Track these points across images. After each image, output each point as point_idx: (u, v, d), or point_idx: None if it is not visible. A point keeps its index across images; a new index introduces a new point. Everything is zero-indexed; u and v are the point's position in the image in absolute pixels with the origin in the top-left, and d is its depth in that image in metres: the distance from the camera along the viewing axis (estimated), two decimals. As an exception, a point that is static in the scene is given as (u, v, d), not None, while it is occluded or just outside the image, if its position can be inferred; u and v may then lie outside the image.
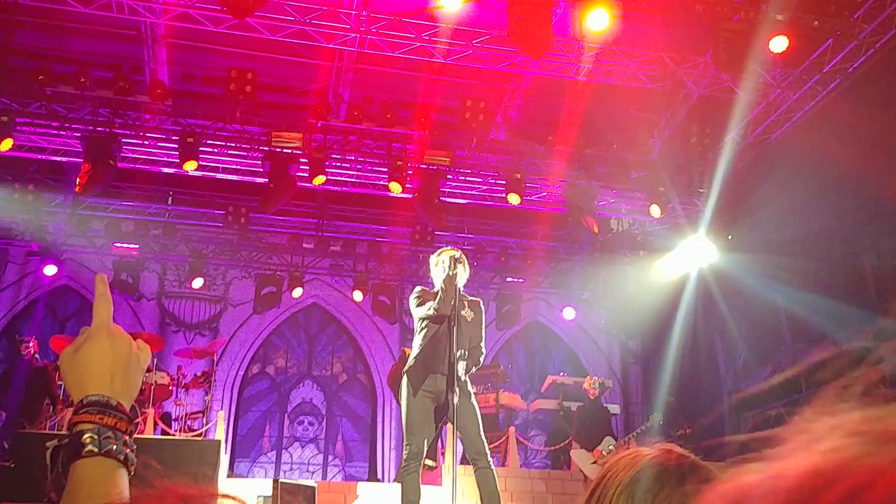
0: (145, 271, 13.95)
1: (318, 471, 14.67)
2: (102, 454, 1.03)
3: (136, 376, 1.15)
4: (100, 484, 1.01)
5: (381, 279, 14.23)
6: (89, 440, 1.02)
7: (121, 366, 1.12)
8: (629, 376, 15.37)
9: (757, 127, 10.35)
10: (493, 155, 11.41)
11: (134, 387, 1.14)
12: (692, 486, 1.10)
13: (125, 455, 1.05)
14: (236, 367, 14.43)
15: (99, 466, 1.02)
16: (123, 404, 1.09)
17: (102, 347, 1.12)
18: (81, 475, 1.01)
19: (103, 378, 1.09)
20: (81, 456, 1.02)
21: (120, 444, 1.04)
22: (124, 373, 1.12)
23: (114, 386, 1.10)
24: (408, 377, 5.58)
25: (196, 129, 10.67)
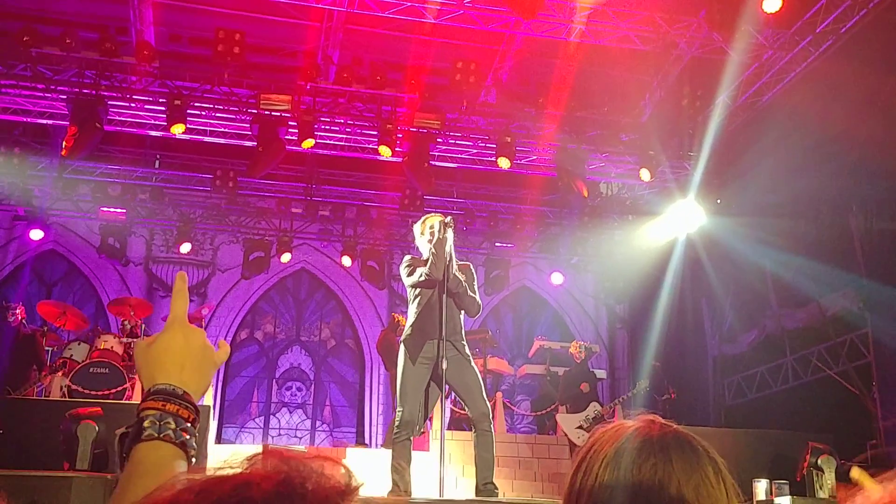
0: (132, 236, 13.86)
1: (305, 436, 14.73)
2: (160, 438, 1.05)
3: (208, 370, 1.17)
4: (156, 466, 1.03)
5: (371, 244, 14.22)
6: (149, 424, 1.05)
7: (192, 357, 1.14)
8: (616, 341, 15.48)
9: (748, 88, 10.36)
10: (484, 118, 11.37)
11: (205, 380, 1.16)
12: (676, 455, 1.11)
13: (183, 440, 1.07)
14: (224, 333, 14.41)
15: (156, 450, 1.05)
16: (191, 394, 1.11)
17: (175, 338, 1.14)
18: (139, 457, 1.04)
19: (173, 368, 1.12)
20: (141, 440, 1.05)
21: (179, 429, 1.07)
22: (195, 364, 1.14)
23: (183, 376, 1.12)
24: (405, 346, 5.58)
25: (183, 92, 10.55)
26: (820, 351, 10.03)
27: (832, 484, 4.84)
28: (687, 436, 1.15)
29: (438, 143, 11.50)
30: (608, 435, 1.16)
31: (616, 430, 1.16)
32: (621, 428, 1.16)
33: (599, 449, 1.14)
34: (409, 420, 5.47)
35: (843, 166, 8.79)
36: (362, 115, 11.13)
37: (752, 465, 5.70)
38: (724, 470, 1.13)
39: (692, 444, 1.14)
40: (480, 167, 12.23)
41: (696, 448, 1.13)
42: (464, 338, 5.68)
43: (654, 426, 1.16)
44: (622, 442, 1.13)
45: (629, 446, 1.11)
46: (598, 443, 1.16)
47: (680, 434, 1.15)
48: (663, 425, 1.16)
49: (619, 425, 1.18)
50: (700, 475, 1.09)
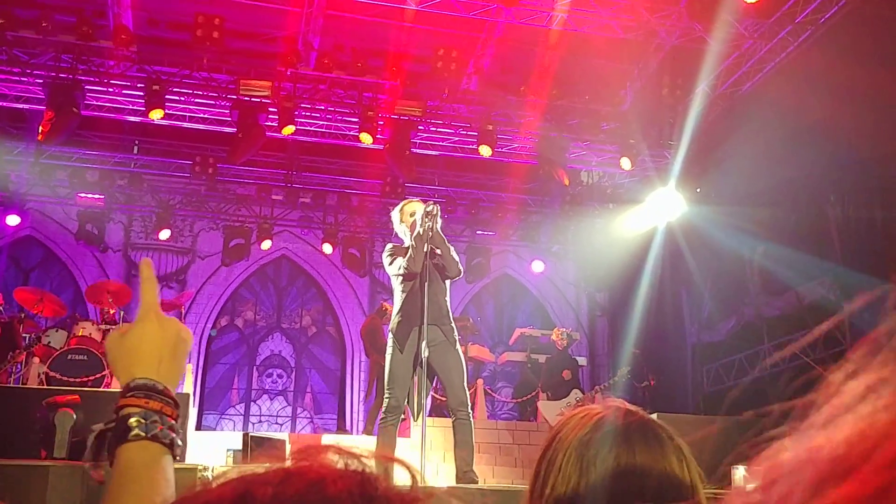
0: (111, 222, 13.74)
1: (286, 423, 14.73)
2: (149, 438, 1.02)
3: (182, 361, 1.14)
4: (146, 468, 1.01)
5: (352, 231, 14.18)
6: (136, 424, 1.02)
7: (168, 349, 1.11)
8: (596, 329, 15.57)
9: (728, 78, 10.40)
10: (465, 106, 11.35)
11: (179, 371, 1.13)
12: (639, 445, 1.10)
13: (171, 440, 1.04)
14: (204, 320, 14.36)
15: (145, 450, 1.02)
16: (169, 389, 1.09)
17: (151, 331, 1.11)
18: (127, 459, 1.01)
19: (151, 361, 1.09)
20: (128, 440, 1.02)
21: (166, 428, 1.04)
22: (171, 357, 1.11)
23: (161, 370, 1.09)
24: (393, 334, 5.57)
25: (162, 77, 10.45)
26: (797, 339, 10.13)
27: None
28: (651, 423, 1.14)
29: (420, 131, 11.47)
30: (574, 422, 1.15)
31: (581, 418, 1.15)
32: (587, 415, 1.15)
33: (564, 437, 1.13)
34: (395, 406, 5.48)
35: (821, 156, 8.85)
36: (343, 101, 11.07)
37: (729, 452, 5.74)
38: (689, 457, 1.12)
39: (656, 433, 1.12)
40: (462, 155, 12.23)
41: (659, 436, 1.12)
42: (452, 321, 5.68)
43: (619, 413, 1.14)
44: (586, 431, 1.12)
45: (593, 436, 1.11)
46: (564, 432, 1.15)
47: (644, 422, 1.14)
48: (628, 412, 1.15)
49: (585, 412, 1.16)
50: (663, 464, 1.09)
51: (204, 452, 7.54)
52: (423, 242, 5.41)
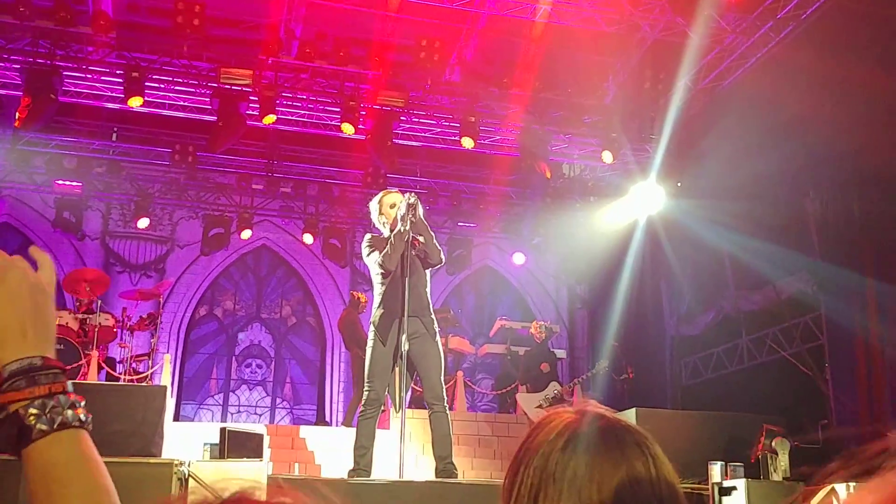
0: (88, 210, 13.60)
1: (265, 413, 14.68)
2: (56, 429, 0.87)
3: (48, 311, 0.95)
4: (70, 463, 0.87)
5: (332, 222, 14.13)
6: (34, 419, 0.86)
7: (27, 309, 0.92)
8: (576, 321, 15.62)
9: (710, 72, 10.43)
10: (448, 97, 11.32)
11: (50, 322, 0.95)
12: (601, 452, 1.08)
13: (79, 419, 0.89)
14: (183, 309, 14.26)
15: (59, 443, 0.87)
16: (48, 355, 0.91)
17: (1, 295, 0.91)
18: (44, 461, 0.86)
19: (14, 336, 0.90)
20: (33, 439, 0.86)
21: (66, 408, 0.88)
22: (34, 315, 0.92)
23: (28, 339, 0.91)
24: (375, 328, 5.55)
25: (141, 64, 10.33)
26: (775, 332, 10.21)
27: (785, 466, 4.94)
28: (616, 428, 1.11)
29: (402, 122, 11.43)
30: (540, 430, 1.13)
31: (549, 425, 1.13)
32: (556, 421, 1.13)
33: (529, 447, 1.12)
34: (375, 399, 5.48)
35: (800, 150, 8.90)
36: (325, 91, 11.00)
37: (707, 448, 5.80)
38: (659, 460, 1.10)
39: (619, 438, 1.09)
40: (444, 146, 12.20)
41: (623, 441, 1.09)
42: (432, 313, 5.68)
43: (584, 419, 1.12)
44: (550, 439, 1.10)
45: (554, 447, 1.09)
46: (530, 439, 1.13)
47: (608, 427, 1.11)
48: (595, 418, 1.12)
49: (555, 417, 1.14)
50: (624, 470, 1.06)
51: (181, 446, 7.49)
52: (402, 240, 5.40)
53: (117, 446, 4.73)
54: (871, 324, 8.51)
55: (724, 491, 4.75)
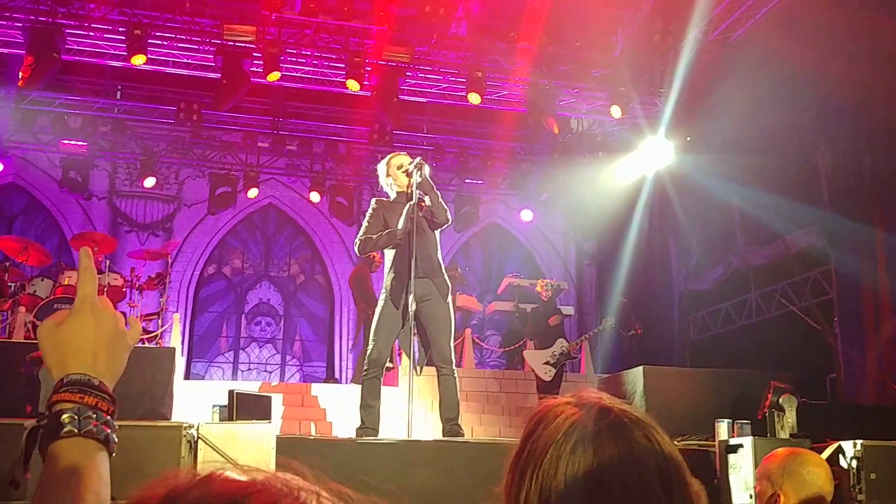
0: (95, 169, 13.57)
1: (276, 370, 14.80)
2: (82, 434, 0.99)
3: (122, 354, 1.10)
4: (79, 465, 0.98)
5: (339, 180, 14.07)
6: (68, 420, 0.99)
7: (104, 343, 1.07)
8: (584, 278, 15.61)
9: (720, 24, 10.25)
10: (454, 52, 11.16)
11: (119, 366, 1.09)
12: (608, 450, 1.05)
13: (105, 436, 1.01)
14: (191, 268, 14.30)
15: (78, 447, 0.99)
16: (106, 384, 1.05)
17: (85, 324, 1.07)
18: (59, 456, 0.98)
19: (85, 356, 1.05)
20: (60, 436, 0.98)
21: (101, 424, 1.01)
22: (108, 351, 1.07)
23: (96, 365, 1.05)
24: (387, 291, 5.54)
25: (144, 21, 10.20)
26: (784, 287, 10.19)
27: (793, 423, 4.95)
28: (623, 426, 1.08)
29: (408, 78, 11.28)
30: (545, 426, 1.09)
31: (554, 421, 1.09)
32: (561, 416, 1.09)
33: (534, 447, 1.08)
34: (376, 358, 5.49)
35: (811, 102, 8.78)
36: (329, 47, 10.86)
37: (714, 405, 5.81)
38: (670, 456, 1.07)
39: (628, 436, 1.06)
40: (451, 102, 12.06)
41: (631, 439, 1.06)
42: (444, 274, 5.66)
43: (592, 415, 1.08)
44: (557, 438, 1.07)
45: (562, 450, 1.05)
46: (534, 435, 1.10)
47: (616, 424, 1.07)
48: (601, 412, 1.09)
49: (560, 411, 1.10)
50: (636, 471, 1.04)
51: (191, 407, 7.55)
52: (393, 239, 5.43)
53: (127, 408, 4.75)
54: (880, 277, 8.48)
55: (731, 449, 4.76)
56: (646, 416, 1.11)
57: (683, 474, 1.08)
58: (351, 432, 5.59)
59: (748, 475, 4.47)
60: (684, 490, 1.06)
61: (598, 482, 1.03)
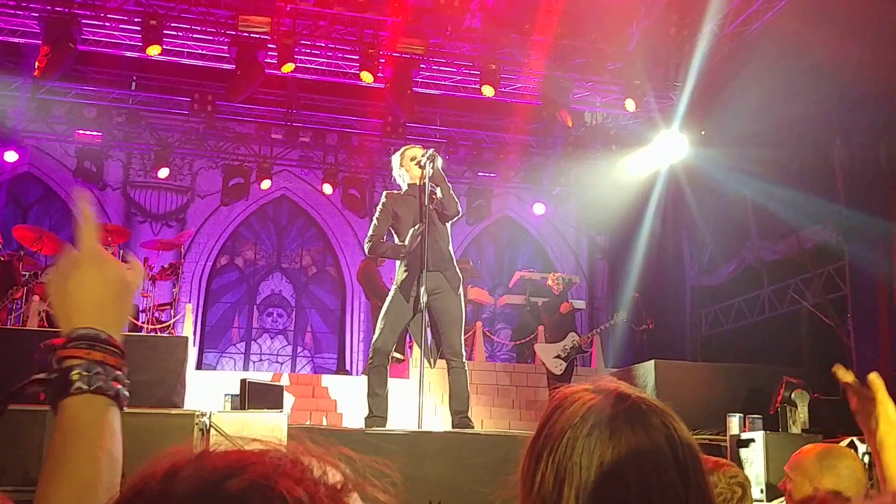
0: (109, 160, 13.63)
1: (287, 362, 14.85)
2: (92, 391, 0.99)
3: (128, 304, 1.10)
4: (91, 423, 0.98)
5: (352, 172, 14.08)
6: (77, 377, 0.98)
7: (112, 295, 1.07)
8: (596, 272, 15.57)
9: (737, 17, 10.16)
10: (468, 44, 11.13)
11: (125, 316, 1.10)
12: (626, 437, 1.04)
13: (116, 391, 1.01)
14: (204, 259, 14.36)
15: (89, 404, 0.98)
16: (114, 336, 1.04)
17: (92, 276, 1.06)
18: (71, 414, 0.98)
19: (93, 309, 1.04)
20: (70, 394, 0.98)
21: (110, 380, 1.00)
22: (115, 302, 1.07)
23: (104, 317, 1.04)
24: (398, 284, 5.55)
25: (159, 11, 10.23)
26: (797, 283, 10.13)
27: (805, 418, 4.93)
28: (641, 411, 1.07)
29: (422, 70, 11.27)
30: (561, 412, 1.09)
31: (570, 406, 1.09)
32: (577, 402, 1.09)
33: (551, 432, 1.08)
34: (380, 348, 5.52)
35: (828, 94, 8.70)
36: (344, 38, 10.86)
37: (726, 399, 5.80)
38: (686, 441, 1.06)
39: (645, 421, 1.06)
40: (464, 94, 12.03)
41: (649, 425, 1.05)
42: (455, 267, 5.67)
43: (609, 400, 1.08)
44: (574, 423, 1.07)
45: (578, 433, 1.05)
46: (551, 422, 1.09)
47: (633, 409, 1.07)
48: (618, 398, 1.08)
49: (577, 398, 1.10)
50: (652, 456, 1.03)
51: (203, 396, 7.59)
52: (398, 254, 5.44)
53: (140, 396, 4.79)
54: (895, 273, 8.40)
55: (742, 443, 4.75)
56: (663, 404, 1.10)
57: (700, 462, 1.07)
58: (361, 423, 5.61)
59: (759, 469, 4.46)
60: (700, 477, 1.05)
61: (614, 466, 1.02)
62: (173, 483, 0.63)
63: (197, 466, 0.64)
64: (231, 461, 0.65)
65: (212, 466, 0.63)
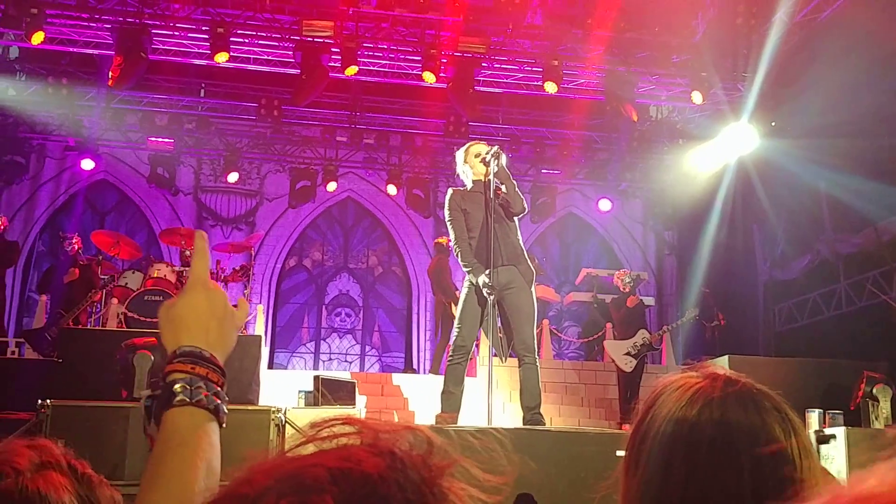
0: (181, 166, 14.01)
1: (355, 361, 15.02)
2: (193, 403, 1.04)
3: (231, 332, 1.16)
4: (190, 433, 1.02)
5: (415, 172, 14.17)
6: (180, 389, 1.04)
7: (216, 319, 1.12)
8: (664, 268, 15.35)
9: (807, 4, 9.90)
10: (530, 41, 11.08)
11: (229, 342, 1.15)
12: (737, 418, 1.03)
13: (216, 406, 1.05)
14: (273, 261, 14.62)
15: (189, 416, 1.03)
16: (217, 357, 1.10)
17: (197, 300, 1.12)
18: (172, 424, 1.03)
19: (198, 330, 1.10)
20: (172, 405, 1.03)
21: (211, 394, 1.05)
22: (219, 326, 1.12)
23: (208, 338, 1.10)
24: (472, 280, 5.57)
25: (226, 19, 10.46)
26: (875, 276, 9.82)
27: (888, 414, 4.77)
28: (752, 394, 1.06)
29: (483, 68, 11.26)
30: (667, 395, 1.09)
31: (676, 390, 1.08)
32: (682, 386, 1.08)
33: (657, 414, 1.07)
34: (461, 345, 5.51)
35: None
36: (405, 40, 10.93)
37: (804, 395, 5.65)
38: (799, 429, 1.05)
39: (757, 403, 1.05)
40: (526, 92, 11.98)
41: (761, 407, 1.04)
42: (527, 260, 5.64)
43: (717, 384, 1.07)
44: (680, 406, 1.06)
45: (686, 413, 1.04)
46: (657, 404, 1.09)
47: (744, 392, 1.06)
48: (727, 382, 1.07)
49: (682, 382, 1.10)
50: (764, 437, 1.02)
51: (277, 393, 7.73)
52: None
53: (216, 393, 4.89)
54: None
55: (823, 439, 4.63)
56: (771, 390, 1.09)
57: (811, 447, 1.06)
58: (432, 421, 5.63)
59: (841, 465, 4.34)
60: (812, 461, 1.04)
61: (726, 446, 1.01)
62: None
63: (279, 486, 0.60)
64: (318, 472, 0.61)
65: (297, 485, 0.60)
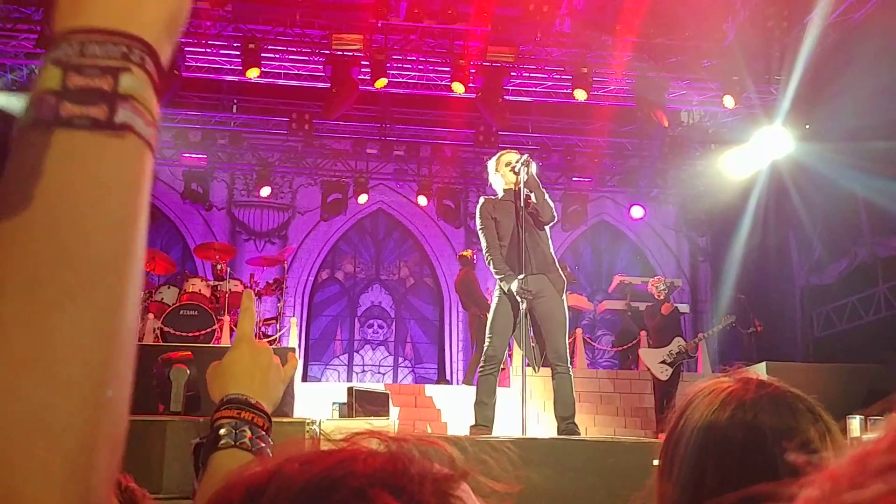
0: (214, 181, 14.17)
1: (388, 372, 15.03)
2: (236, 446, 1.07)
3: (278, 384, 1.20)
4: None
5: (445, 183, 14.19)
6: (225, 433, 1.08)
7: (261, 369, 1.17)
8: (698, 274, 15.19)
9: (840, 5, 9.77)
10: (559, 49, 11.07)
11: (275, 393, 1.19)
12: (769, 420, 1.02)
13: (259, 448, 1.08)
14: (306, 274, 14.71)
15: (233, 458, 1.06)
16: (262, 404, 1.13)
17: (242, 354, 1.18)
18: (216, 465, 1.06)
19: (243, 378, 1.15)
20: (218, 448, 1.07)
21: (255, 437, 1.08)
22: (264, 376, 1.17)
23: (253, 386, 1.14)
24: (500, 288, 5.57)
25: (257, 35, 10.59)
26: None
27: (932, 420, 4.66)
28: (785, 396, 1.06)
29: (512, 77, 11.27)
30: (700, 399, 1.08)
31: (709, 394, 1.08)
32: (715, 390, 1.08)
33: (690, 417, 1.07)
34: (493, 355, 5.50)
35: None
36: (434, 51, 10.98)
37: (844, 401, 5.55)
38: (834, 430, 1.03)
39: (790, 406, 1.04)
40: (556, 100, 11.96)
41: (794, 409, 1.04)
42: (558, 269, 5.62)
43: (750, 387, 1.07)
44: (713, 410, 1.05)
45: (719, 416, 1.03)
46: (690, 408, 1.08)
47: (776, 394, 1.06)
48: (760, 385, 1.07)
49: (714, 386, 1.09)
50: (798, 440, 1.01)
51: (311, 405, 7.76)
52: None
53: (251, 406, 4.92)
54: None
55: (865, 446, 4.52)
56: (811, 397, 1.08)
57: (846, 446, 1.03)
58: (466, 432, 5.61)
59: (885, 475, 4.24)
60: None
61: (759, 447, 1.00)
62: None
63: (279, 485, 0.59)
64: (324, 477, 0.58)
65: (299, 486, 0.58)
